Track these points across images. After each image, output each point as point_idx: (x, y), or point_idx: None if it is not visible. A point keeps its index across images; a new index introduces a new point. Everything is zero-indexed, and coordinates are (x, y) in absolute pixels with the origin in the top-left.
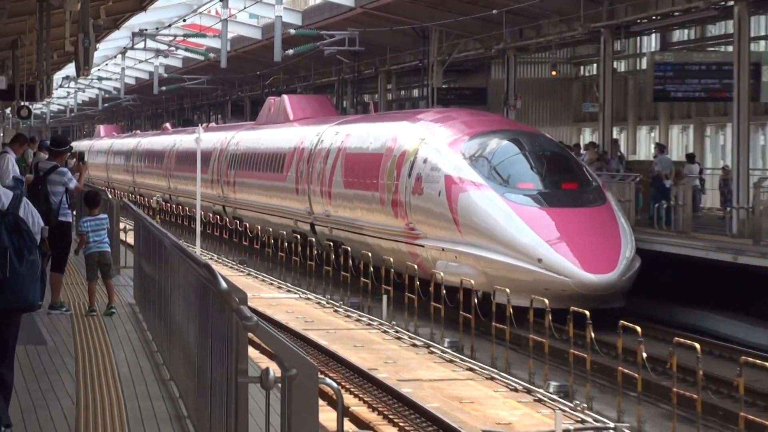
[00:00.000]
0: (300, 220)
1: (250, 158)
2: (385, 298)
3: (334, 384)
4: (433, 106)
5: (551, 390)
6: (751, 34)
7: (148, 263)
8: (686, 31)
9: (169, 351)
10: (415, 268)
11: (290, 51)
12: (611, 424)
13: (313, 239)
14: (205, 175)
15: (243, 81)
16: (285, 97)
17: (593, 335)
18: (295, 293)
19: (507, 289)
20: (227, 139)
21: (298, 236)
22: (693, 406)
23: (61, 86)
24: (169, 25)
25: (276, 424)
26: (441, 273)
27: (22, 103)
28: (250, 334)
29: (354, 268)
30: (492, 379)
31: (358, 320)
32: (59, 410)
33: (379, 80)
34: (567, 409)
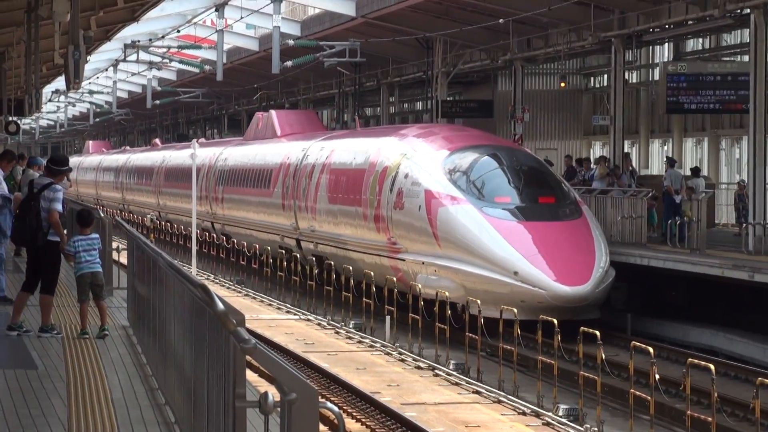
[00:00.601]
0: (286, 236)
1: (237, 174)
2: (387, 319)
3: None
4: (438, 120)
5: (561, 413)
6: None
7: (143, 284)
8: (700, 40)
9: (164, 375)
10: (393, 280)
11: (289, 63)
12: None
13: (298, 255)
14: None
15: (240, 94)
16: (273, 112)
17: (604, 356)
18: (295, 314)
19: (478, 300)
20: (215, 155)
21: (283, 251)
22: (707, 430)
23: (50, 100)
24: (162, 37)
25: None
26: (419, 286)
27: (10, 118)
28: (249, 357)
29: (339, 283)
30: (499, 402)
31: (360, 342)
32: None
33: (381, 93)
34: None
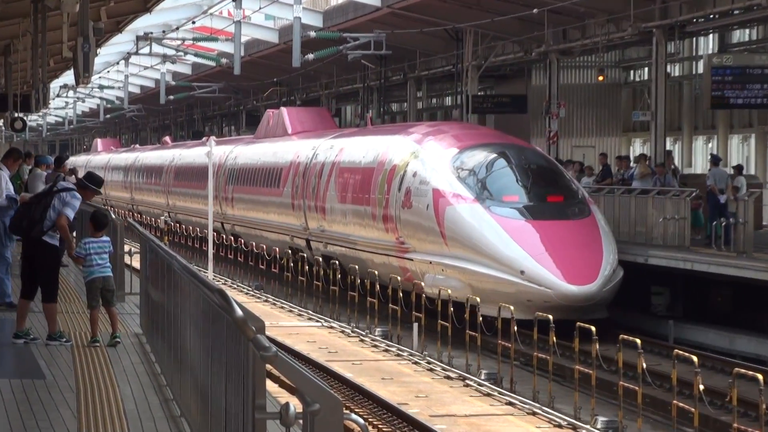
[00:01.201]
0: (296, 236)
1: (248, 173)
2: (415, 326)
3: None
4: (468, 115)
5: (599, 426)
6: None
7: (156, 289)
8: (747, 31)
9: (180, 385)
10: (398, 279)
11: (310, 56)
12: None
13: (307, 255)
14: (202, 191)
15: (258, 89)
16: (283, 109)
17: (645, 365)
18: (317, 321)
19: (477, 298)
20: (225, 154)
21: (289, 251)
22: None
23: (58, 96)
24: (176, 28)
25: None
26: (423, 284)
27: (16, 115)
28: (269, 366)
29: (350, 284)
30: (534, 414)
31: (386, 350)
32: None
33: (408, 87)
34: None
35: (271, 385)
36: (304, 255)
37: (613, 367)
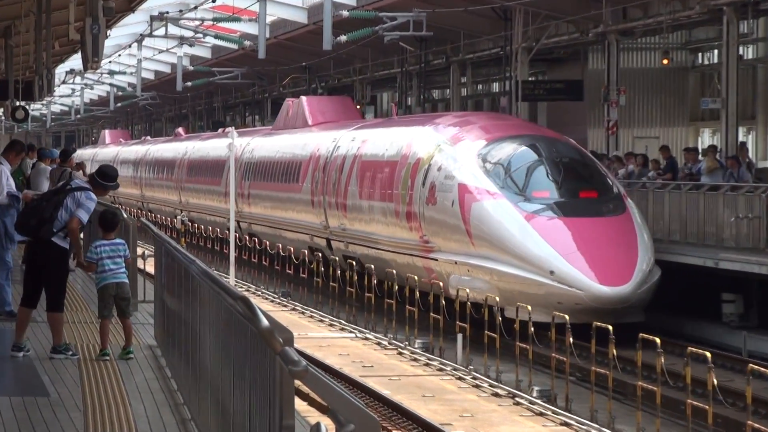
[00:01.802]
0: (316, 236)
1: (265, 167)
2: (459, 337)
3: None
4: (518, 104)
5: None
6: None
7: (172, 296)
8: None
9: (198, 403)
10: (415, 279)
11: (343, 37)
12: None
13: (327, 255)
14: (218, 187)
15: (285, 74)
16: (303, 98)
17: (716, 381)
18: (351, 332)
19: (497, 297)
20: (242, 147)
21: (306, 251)
22: None
23: (64, 82)
24: (195, 7)
25: None
26: (447, 286)
27: (18, 103)
28: (298, 382)
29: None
30: None
31: (426, 364)
32: None
33: (451, 72)
34: None
35: (299, 403)
36: (321, 254)
37: (680, 383)
